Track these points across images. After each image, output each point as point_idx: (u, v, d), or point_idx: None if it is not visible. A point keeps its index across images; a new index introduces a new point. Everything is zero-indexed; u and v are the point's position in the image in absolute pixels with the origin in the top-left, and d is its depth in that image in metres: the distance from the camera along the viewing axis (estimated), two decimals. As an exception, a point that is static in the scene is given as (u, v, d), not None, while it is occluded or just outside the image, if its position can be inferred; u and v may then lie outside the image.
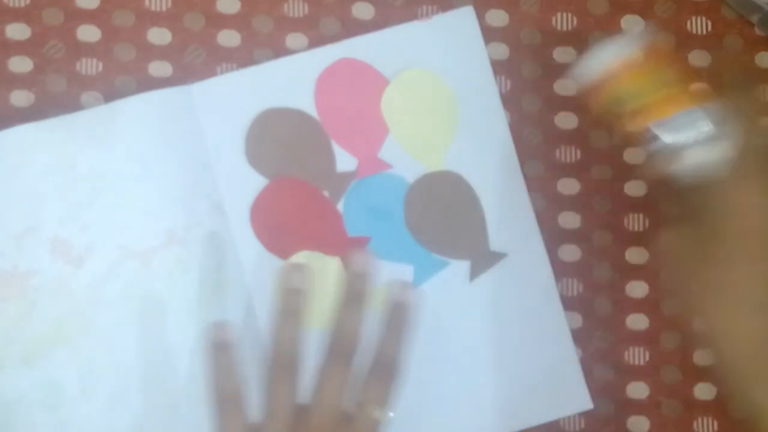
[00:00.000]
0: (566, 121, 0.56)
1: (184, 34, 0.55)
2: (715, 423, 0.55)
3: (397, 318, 0.47)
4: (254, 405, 0.46)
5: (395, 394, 0.46)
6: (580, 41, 0.56)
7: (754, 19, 0.56)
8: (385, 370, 0.46)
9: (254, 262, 0.53)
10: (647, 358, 0.55)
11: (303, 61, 0.54)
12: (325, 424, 0.44)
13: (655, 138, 0.45)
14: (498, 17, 0.56)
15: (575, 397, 0.54)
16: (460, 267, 0.54)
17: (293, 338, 0.46)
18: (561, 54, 0.56)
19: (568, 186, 0.56)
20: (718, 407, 0.55)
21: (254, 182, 0.54)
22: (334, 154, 0.54)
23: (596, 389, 0.55)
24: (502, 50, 0.56)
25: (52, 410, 0.50)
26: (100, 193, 0.52)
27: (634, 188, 0.56)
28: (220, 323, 0.47)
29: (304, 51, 0.55)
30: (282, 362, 0.46)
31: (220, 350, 0.47)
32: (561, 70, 0.56)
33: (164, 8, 0.55)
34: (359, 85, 0.55)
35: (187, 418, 0.51)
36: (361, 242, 0.54)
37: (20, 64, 0.54)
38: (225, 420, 0.45)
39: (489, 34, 0.56)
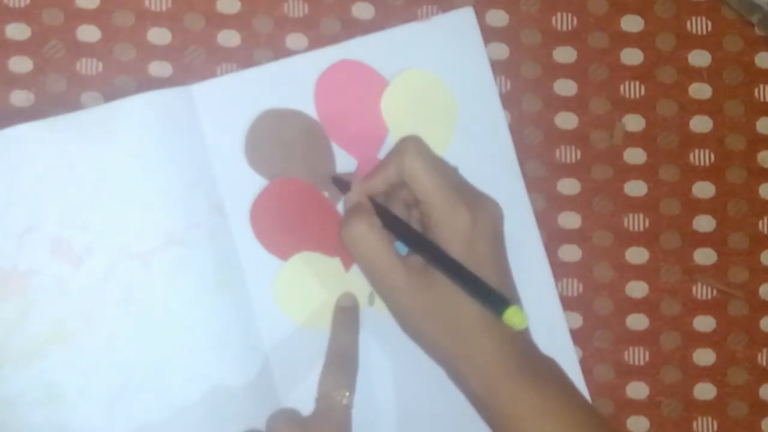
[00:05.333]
0: (566, 121, 0.56)
1: (184, 34, 0.55)
2: (715, 423, 0.55)
3: (344, 318, 0.53)
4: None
5: (355, 381, 0.51)
6: (580, 41, 0.56)
7: (754, 19, 0.56)
8: (344, 360, 0.52)
9: (254, 263, 0.53)
10: (647, 358, 0.55)
11: (303, 63, 0.54)
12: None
13: None
14: (498, 17, 0.56)
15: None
16: (460, 267, 0.54)
17: None
18: (561, 54, 0.56)
19: (568, 186, 0.56)
20: (718, 407, 0.55)
21: (254, 183, 0.53)
22: (334, 155, 0.54)
23: (596, 389, 0.55)
24: (502, 50, 0.56)
25: (50, 410, 0.50)
26: (99, 193, 0.52)
27: (634, 188, 0.56)
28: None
29: (304, 51, 0.55)
30: None
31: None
32: (561, 70, 0.56)
33: (164, 8, 0.55)
34: (359, 87, 0.55)
35: (187, 418, 0.51)
36: (361, 242, 0.54)
37: (20, 64, 0.54)
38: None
39: (489, 34, 0.56)
